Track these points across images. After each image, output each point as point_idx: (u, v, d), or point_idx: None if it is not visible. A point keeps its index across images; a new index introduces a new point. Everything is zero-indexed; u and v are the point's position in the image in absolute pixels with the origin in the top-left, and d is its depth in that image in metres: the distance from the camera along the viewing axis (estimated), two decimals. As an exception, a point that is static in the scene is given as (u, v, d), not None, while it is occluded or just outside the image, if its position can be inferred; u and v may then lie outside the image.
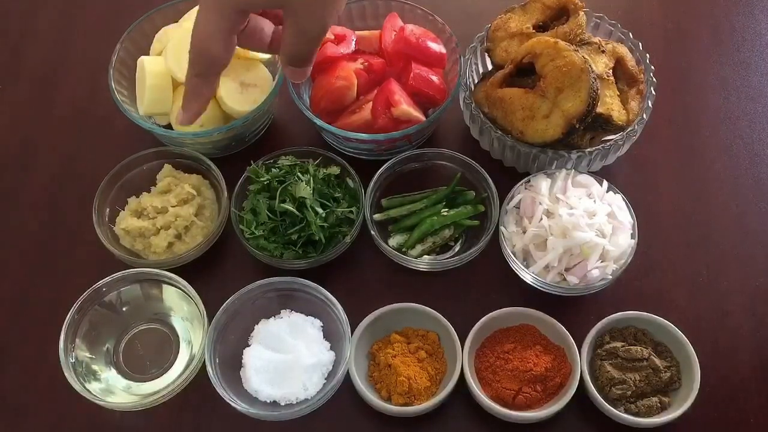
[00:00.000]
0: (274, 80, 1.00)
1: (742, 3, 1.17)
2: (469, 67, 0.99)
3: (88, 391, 0.84)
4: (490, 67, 1.02)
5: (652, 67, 0.97)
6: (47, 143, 1.06)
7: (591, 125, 0.91)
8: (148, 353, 0.91)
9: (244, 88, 0.97)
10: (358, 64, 0.97)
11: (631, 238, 0.89)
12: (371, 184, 0.94)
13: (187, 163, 0.99)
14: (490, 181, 0.94)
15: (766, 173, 1.02)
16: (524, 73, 0.93)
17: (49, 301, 0.94)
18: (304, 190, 0.91)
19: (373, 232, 0.92)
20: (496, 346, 0.88)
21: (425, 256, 0.94)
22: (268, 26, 0.78)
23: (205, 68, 0.74)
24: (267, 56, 1.00)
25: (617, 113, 0.92)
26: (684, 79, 1.10)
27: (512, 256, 0.90)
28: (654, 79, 0.96)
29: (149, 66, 0.96)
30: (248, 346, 0.88)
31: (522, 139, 0.92)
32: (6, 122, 1.09)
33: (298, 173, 0.93)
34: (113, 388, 0.88)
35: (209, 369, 0.84)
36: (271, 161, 0.96)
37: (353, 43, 1.00)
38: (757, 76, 1.10)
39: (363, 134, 0.94)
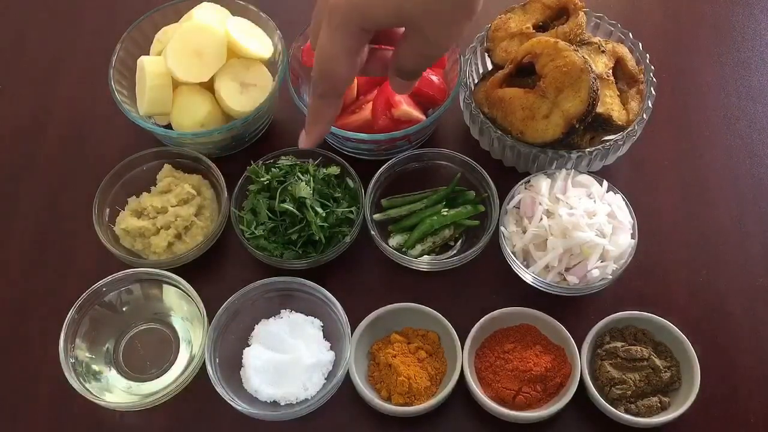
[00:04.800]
0: (274, 80, 1.00)
1: (742, 3, 1.17)
2: (469, 67, 0.99)
3: (88, 391, 0.84)
4: (490, 67, 1.02)
5: (652, 67, 0.97)
6: (47, 143, 1.06)
7: (591, 125, 0.91)
8: (148, 353, 0.91)
9: (244, 88, 0.97)
10: (358, 64, 0.97)
11: (631, 238, 0.89)
12: (371, 184, 0.94)
13: (187, 163, 0.99)
14: (490, 181, 0.94)
15: (766, 173, 1.02)
16: (524, 73, 0.93)
17: (49, 301, 0.94)
18: (304, 190, 0.91)
19: (373, 232, 0.92)
20: (496, 346, 0.88)
21: (425, 256, 0.94)
22: (388, 53, 0.77)
23: (330, 89, 0.73)
24: (267, 56, 1.00)
25: (617, 113, 0.92)
26: (684, 79, 1.10)
27: (512, 256, 0.90)
28: (654, 79, 0.96)
29: (149, 66, 0.96)
30: (248, 346, 0.88)
31: (522, 139, 0.92)
32: (6, 122, 1.09)
33: (298, 173, 0.93)
34: (113, 388, 0.88)
35: (209, 369, 0.84)
36: (271, 161, 0.96)
37: (353, 43, 1.00)
38: (757, 76, 1.10)
39: (363, 134, 0.94)
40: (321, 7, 0.71)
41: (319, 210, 0.91)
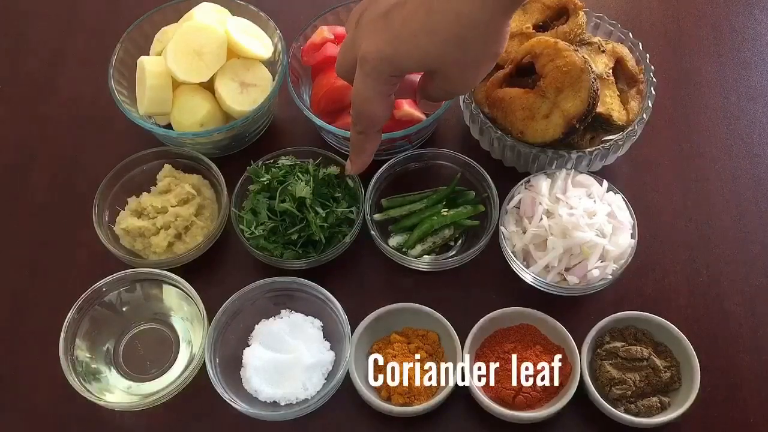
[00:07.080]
0: (274, 80, 1.00)
1: (742, 3, 1.17)
2: (469, 67, 0.99)
3: (88, 391, 0.84)
4: (490, 67, 1.02)
5: (652, 67, 0.97)
6: (47, 143, 1.06)
7: (591, 125, 0.91)
8: (148, 353, 0.91)
9: (244, 88, 0.97)
10: (359, 64, 0.97)
11: (631, 238, 0.89)
12: (371, 184, 0.94)
13: (187, 163, 0.99)
14: (490, 181, 0.94)
15: (766, 173, 1.02)
16: (524, 73, 0.93)
17: (49, 301, 0.94)
18: (304, 190, 0.91)
19: (373, 232, 0.92)
20: (496, 346, 0.88)
21: (425, 256, 0.94)
22: (416, 78, 0.82)
23: (367, 126, 0.80)
24: (267, 56, 1.00)
25: (617, 113, 0.92)
26: (684, 79, 1.10)
27: (512, 256, 0.90)
28: (654, 79, 0.96)
29: (149, 66, 0.96)
30: (248, 346, 0.88)
31: (522, 139, 0.92)
32: (6, 122, 1.09)
33: (298, 173, 0.93)
34: (113, 388, 0.88)
35: (209, 369, 0.84)
36: (271, 161, 0.96)
37: (353, 43, 1.00)
38: (757, 76, 1.10)
39: (363, 134, 0.94)
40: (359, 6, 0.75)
41: (319, 210, 0.91)
